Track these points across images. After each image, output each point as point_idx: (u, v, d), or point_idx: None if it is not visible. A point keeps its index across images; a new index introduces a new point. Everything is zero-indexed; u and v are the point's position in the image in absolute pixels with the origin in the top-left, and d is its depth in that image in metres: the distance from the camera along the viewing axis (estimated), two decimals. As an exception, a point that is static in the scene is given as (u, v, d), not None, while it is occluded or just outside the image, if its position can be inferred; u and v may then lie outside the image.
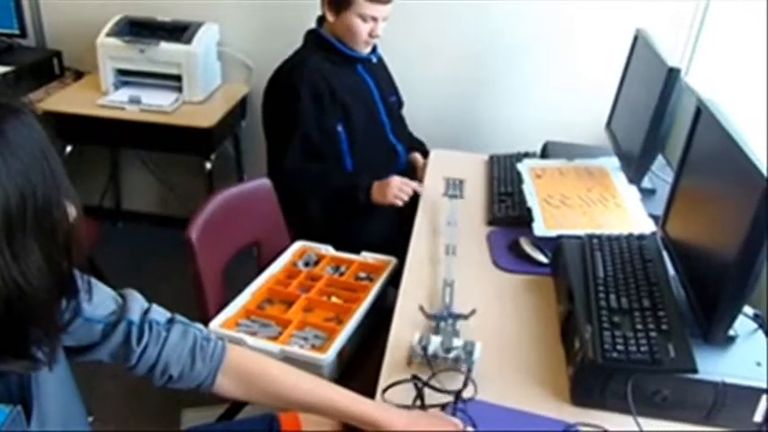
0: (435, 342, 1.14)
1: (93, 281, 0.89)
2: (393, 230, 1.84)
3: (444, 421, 1.01)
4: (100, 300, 0.92)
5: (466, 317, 1.26)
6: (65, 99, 2.47)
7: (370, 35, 1.93)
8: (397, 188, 1.84)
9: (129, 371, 0.97)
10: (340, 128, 1.95)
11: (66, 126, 2.38)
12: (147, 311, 0.97)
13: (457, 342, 1.14)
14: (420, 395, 1.06)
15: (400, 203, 1.84)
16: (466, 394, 1.06)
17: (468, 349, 1.12)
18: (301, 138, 1.89)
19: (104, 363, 0.96)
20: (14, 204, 0.64)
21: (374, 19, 1.90)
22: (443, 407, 1.04)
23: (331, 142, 1.95)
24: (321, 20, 2.01)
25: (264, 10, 2.55)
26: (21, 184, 0.65)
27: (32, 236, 0.66)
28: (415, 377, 1.08)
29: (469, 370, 1.09)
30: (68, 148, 2.45)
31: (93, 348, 0.92)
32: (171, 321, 0.99)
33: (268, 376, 1.01)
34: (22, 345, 0.69)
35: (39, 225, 0.66)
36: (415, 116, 2.33)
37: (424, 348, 1.13)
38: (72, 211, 0.73)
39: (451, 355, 1.12)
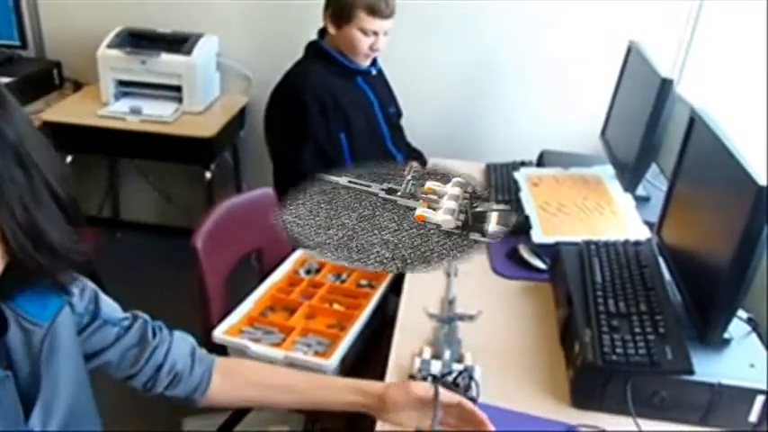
0: (436, 367, 1.15)
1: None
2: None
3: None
4: (111, 304, 0.95)
5: (472, 317, 1.28)
6: (65, 110, 2.49)
7: (371, 49, 1.98)
8: None
9: (130, 379, 0.97)
10: (342, 136, 1.98)
11: (66, 137, 2.40)
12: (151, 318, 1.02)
13: (457, 366, 1.15)
14: None
15: None
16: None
17: (469, 374, 1.11)
18: (314, 144, 1.93)
19: (109, 371, 0.96)
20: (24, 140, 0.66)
21: (375, 33, 1.95)
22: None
23: (335, 150, 1.99)
24: (322, 32, 2.04)
25: (263, 22, 2.59)
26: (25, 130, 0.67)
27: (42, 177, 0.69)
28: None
29: (474, 400, 1.07)
30: (68, 159, 2.47)
31: (104, 351, 0.93)
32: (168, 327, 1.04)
33: (260, 369, 1.06)
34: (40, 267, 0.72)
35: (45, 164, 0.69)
36: (414, 126, 2.36)
37: (424, 378, 1.11)
38: None
39: (451, 378, 1.11)
